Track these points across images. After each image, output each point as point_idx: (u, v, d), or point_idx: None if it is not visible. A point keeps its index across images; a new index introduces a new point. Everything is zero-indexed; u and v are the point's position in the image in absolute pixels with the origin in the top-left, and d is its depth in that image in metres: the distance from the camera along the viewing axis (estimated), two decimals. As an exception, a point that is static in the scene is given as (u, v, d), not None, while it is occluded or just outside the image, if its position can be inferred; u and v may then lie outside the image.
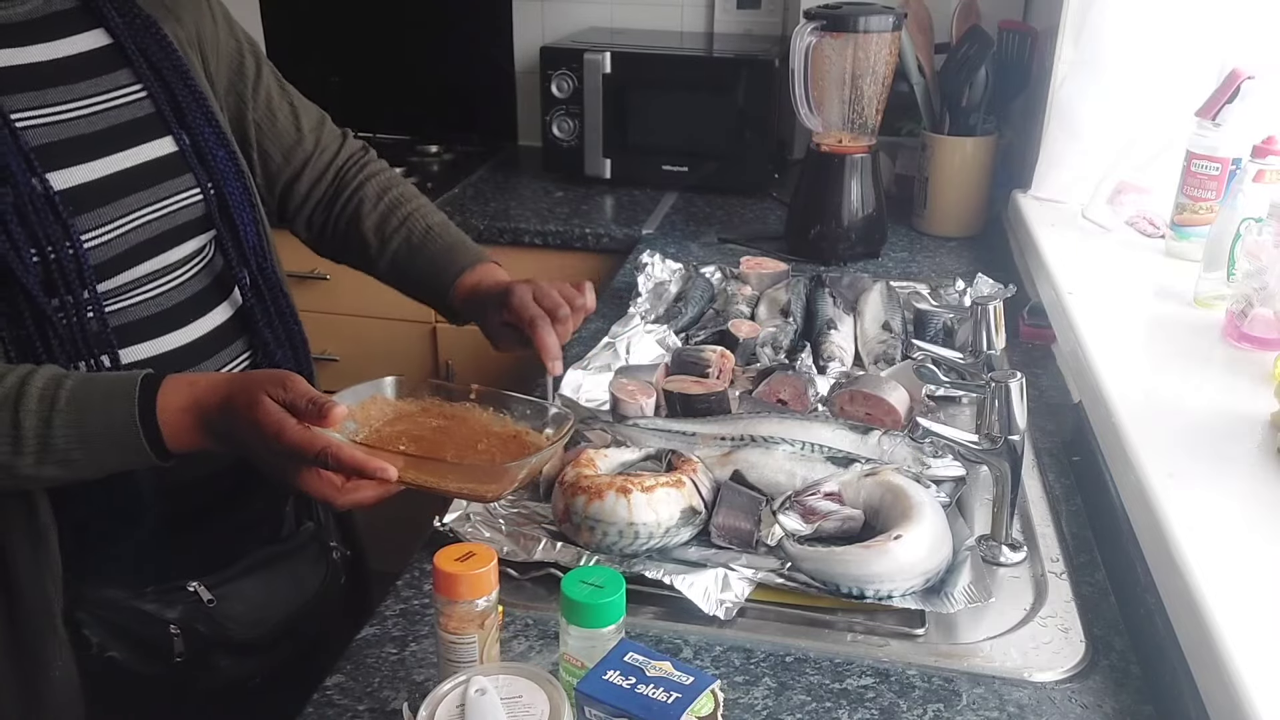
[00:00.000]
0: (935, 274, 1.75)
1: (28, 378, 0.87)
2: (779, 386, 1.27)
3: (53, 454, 0.86)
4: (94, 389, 0.88)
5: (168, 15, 1.11)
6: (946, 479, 1.10)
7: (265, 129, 1.22)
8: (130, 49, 1.04)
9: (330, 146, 1.29)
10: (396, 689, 0.87)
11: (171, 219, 1.04)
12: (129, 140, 1.02)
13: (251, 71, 1.20)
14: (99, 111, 1.00)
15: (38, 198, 0.92)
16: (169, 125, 1.05)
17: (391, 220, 1.27)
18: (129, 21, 1.05)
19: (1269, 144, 1.33)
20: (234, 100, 1.19)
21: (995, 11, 2.01)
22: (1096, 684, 0.88)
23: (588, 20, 2.50)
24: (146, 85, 1.04)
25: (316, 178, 1.28)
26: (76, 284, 0.94)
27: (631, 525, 0.98)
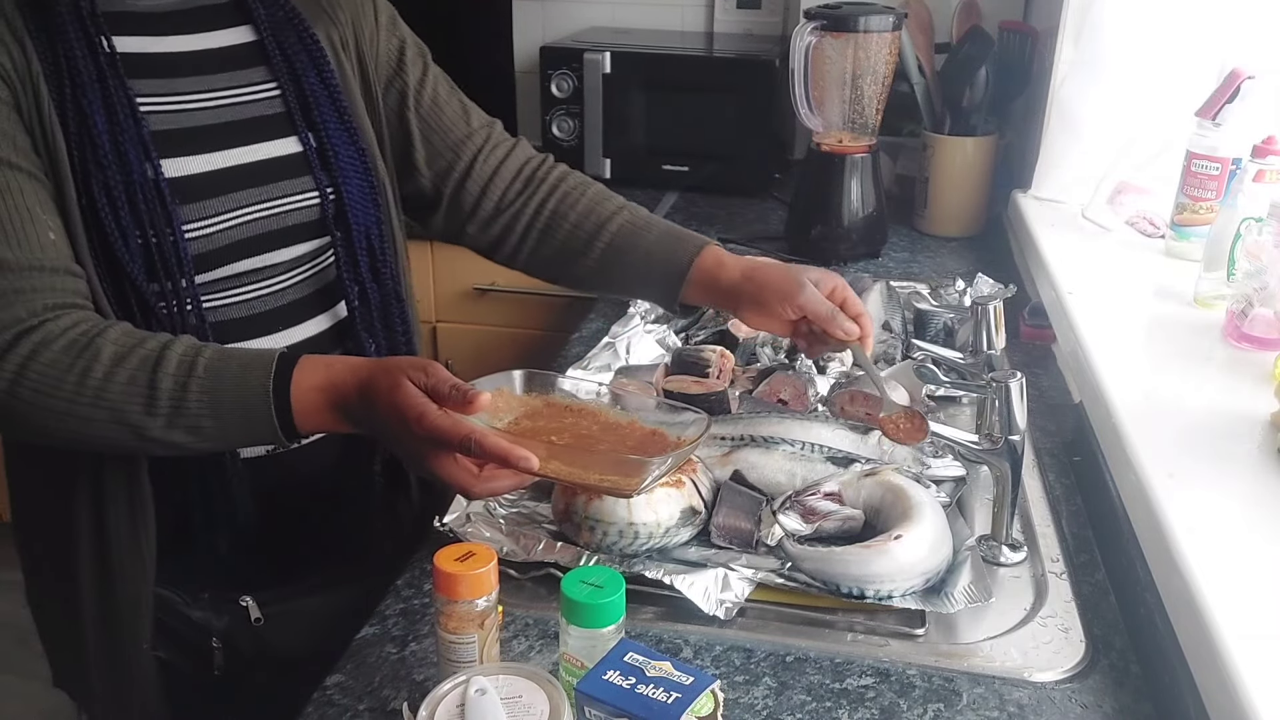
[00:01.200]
0: (935, 274, 1.75)
1: (169, 343, 0.88)
2: (779, 386, 1.27)
3: (184, 418, 0.87)
4: (231, 360, 0.89)
5: (321, 15, 1.09)
6: (947, 479, 1.10)
7: (431, 123, 1.17)
8: (271, 47, 1.04)
9: (503, 144, 1.22)
10: (397, 688, 0.87)
11: (281, 219, 1.03)
12: (251, 136, 1.01)
13: (416, 69, 1.17)
14: (226, 105, 1.00)
15: (147, 183, 0.93)
16: (296, 126, 1.04)
17: (599, 212, 1.19)
18: (275, 19, 1.05)
19: (1269, 144, 1.33)
20: (394, 97, 1.15)
21: (996, 11, 2.01)
22: (1096, 684, 0.88)
23: (588, 20, 2.50)
24: (281, 84, 1.04)
25: (489, 175, 1.20)
26: (176, 273, 0.95)
27: (631, 525, 0.98)
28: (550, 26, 2.52)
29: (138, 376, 0.86)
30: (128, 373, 0.86)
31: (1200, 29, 1.60)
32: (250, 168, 1.01)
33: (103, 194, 0.92)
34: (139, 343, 0.88)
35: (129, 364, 0.87)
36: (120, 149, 0.92)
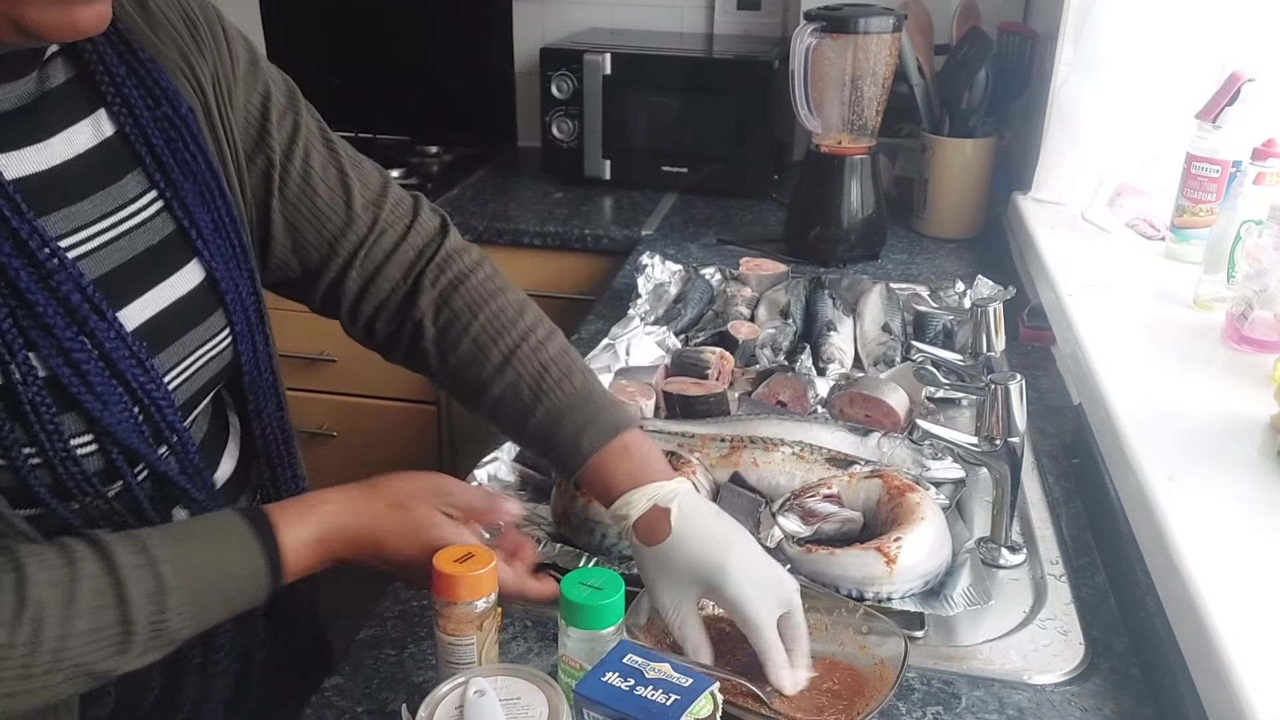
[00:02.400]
0: (935, 276, 1.75)
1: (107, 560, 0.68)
2: (778, 388, 1.27)
3: (162, 639, 0.71)
4: (192, 549, 0.73)
5: (181, 74, 0.83)
6: (946, 481, 1.10)
7: (301, 210, 0.91)
8: (136, 138, 0.78)
9: (393, 228, 0.94)
10: (395, 690, 0.87)
11: (203, 373, 0.84)
12: (156, 275, 0.80)
13: (283, 134, 0.90)
14: (127, 231, 0.78)
15: (115, 342, 0.74)
16: (194, 247, 0.82)
17: (490, 355, 0.91)
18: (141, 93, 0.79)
19: (1269, 146, 1.33)
20: (257, 176, 0.89)
21: (995, 13, 2.01)
22: (1096, 686, 0.88)
23: (587, 21, 2.50)
24: (161, 193, 0.80)
25: (372, 273, 0.93)
26: (168, 431, 0.78)
27: (631, 527, 0.98)
28: (550, 28, 2.52)
29: (100, 620, 0.67)
30: (86, 619, 0.67)
31: (1200, 31, 1.60)
32: (166, 315, 0.80)
33: (61, 363, 0.71)
34: (72, 571, 0.67)
35: (81, 605, 0.67)
36: (71, 309, 0.71)
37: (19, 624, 0.65)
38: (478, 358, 0.91)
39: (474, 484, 1.10)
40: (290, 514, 0.77)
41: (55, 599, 0.66)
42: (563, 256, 2.07)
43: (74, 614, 0.66)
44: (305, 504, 0.78)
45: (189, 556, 0.72)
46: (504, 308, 0.92)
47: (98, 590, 0.68)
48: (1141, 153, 1.68)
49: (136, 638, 0.69)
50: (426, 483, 0.82)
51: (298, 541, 0.76)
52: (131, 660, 0.70)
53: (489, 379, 0.90)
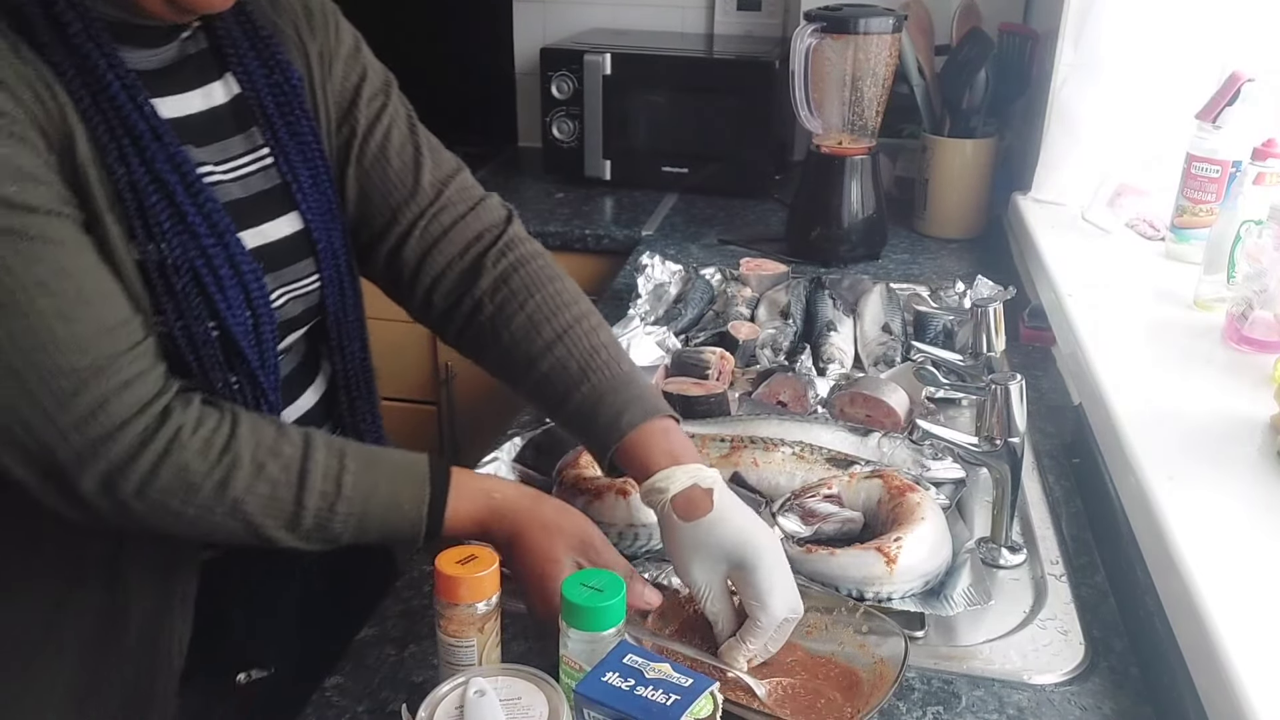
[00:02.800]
0: (935, 276, 1.75)
1: (309, 450, 0.82)
2: (779, 388, 1.27)
3: (323, 533, 0.82)
4: (379, 474, 0.84)
5: (297, 51, 0.96)
6: (946, 481, 1.10)
7: (373, 178, 0.99)
8: (254, 105, 0.92)
9: (454, 207, 1.01)
10: (395, 690, 0.87)
11: (294, 305, 0.95)
12: (262, 215, 0.92)
13: (370, 111, 1.00)
14: (242, 176, 0.91)
15: (243, 256, 0.87)
16: (294, 200, 0.94)
17: (542, 333, 0.96)
18: (260, 62, 0.92)
19: (1269, 146, 1.33)
20: (339, 143, 0.99)
21: (996, 14, 2.01)
22: (1096, 686, 0.88)
23: (588, 22, 2.50)
24: (272, 151, 0.93)
25: (430, 244, 1.00)
26: (269, 345, 0.90)
27: (631, 526, 0.98)
28: (550, 28, 2.52)
29: (280, 493, 0.80)
30: (268, 485, 0.80)
31: (1200, 32, 1.60)
32: (265, 251, 0.91)
33: (204, 264, 0.84)
34: (275, 445, 0.81)
35: (269, 474, 0.80)
36: (209, 217, 0.85)
37: (217, 465, 0.78)
38: (530, 334, 0.96)
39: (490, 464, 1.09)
40: (469, 488, 0.86)
41: (252, 460, 0.79)
42: (563, 257, 2.05)
43: (262, 478, 0.79)
44: (485, 487, 0.88)
45: (370, 476, 0.83)
46: (560, 292, 0.99)
47: (288, 468, 0.80)
48: (1142, 153, 1.68)
49: (304, 524, 0.81)
50: (583, 528, 0.87)
51: (462, 513, 0.85)
52: (294, 540, 0.81)
53: (538, 354, 0.95)
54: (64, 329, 0.75)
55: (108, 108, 0.80)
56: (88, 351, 0.76)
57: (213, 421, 0.80)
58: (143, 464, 0.77)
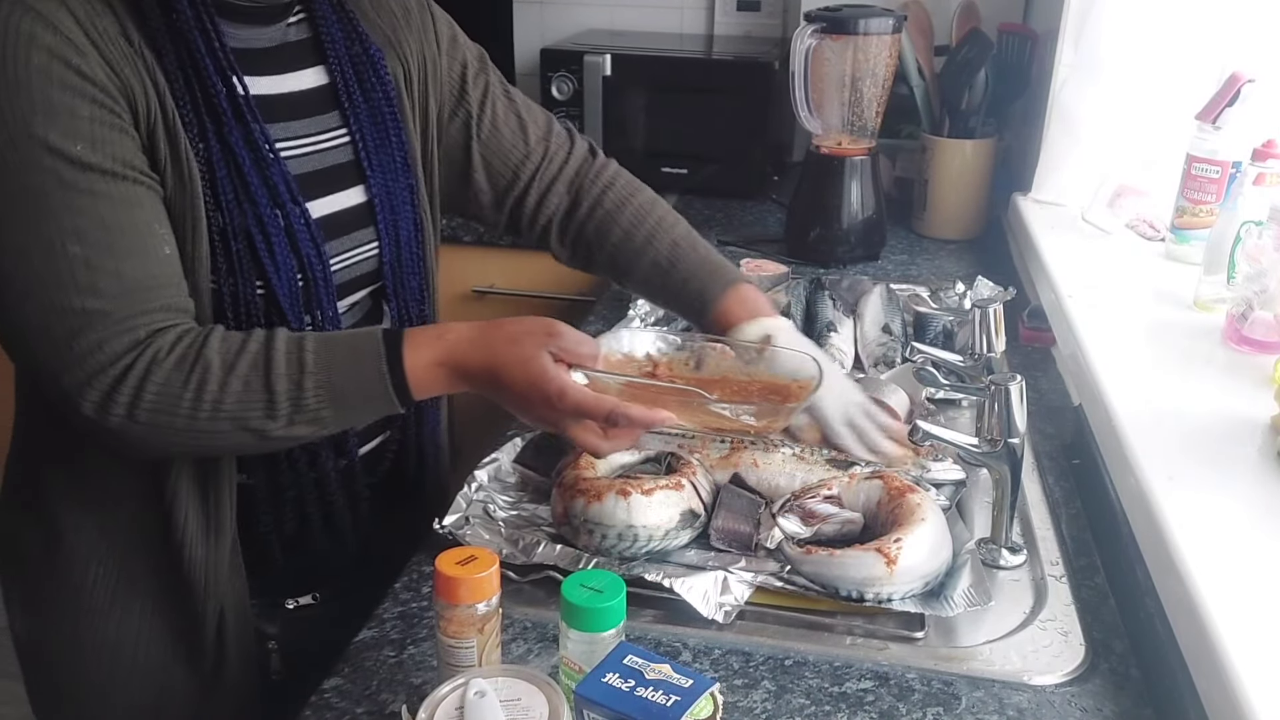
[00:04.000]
0: (935, 276, 1.75)
1: (270, 341, 0.89)
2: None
3: (304, 414, 0.89)
4: (336, 349, 0.91)
5: (390, 48, 1.08)
6: (946, 482, 1.09)
7: (492, 147, 1.18)
8: (341, 91, 1.03)
9: (557, 155, 1.22)
10: (395, 692, 0.87)
11: (351, 270, 1.05)
12: (330, 186, 1.02)
13: (477, 91, 1.17)
14: (311, 153, 1.01)
15: (303, 225, 0.97)
16: (363, 175, 1.04)
17: (635, 238, 1.20)
18: (353, 58, 1.04)
19: (1269, 147, 1.33)
20: (458, 126, 1.16)
21: (995, 14, 2.01)
22: (1096, 687, 0.88)
23: (588, 22, 2.50)
24: (351, 133, 1.03)
25: (545, 188, 1.21)
26: (327, 303, 1.00)
27: (631, 528, 0.98)
28: (550, 29, 2.52)
29: (252, 382, 0.88)
30: (240, 380, 0.87)
31: (1200, 32, 1.60)
32: (333, 218, 1.02)
33: (259, 230, 0.93)
34: (241, 347, 0.89)
35: (240, 371, 0.88)
36: (274, 190, 0.94)
37: (191, 373, 0.87)
38: (625, 242, 1.21)
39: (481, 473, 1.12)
40: (421, 337, 0.92)
41: (220, 362, 0.87)
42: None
43: (232, 375, 0.87)
44: (435, 331, 0.94)
45: (330, 350, 0.90)
46: (640, 204, 1.23)
47: (254, 360, 0.88)
48: (1142, 153, 1.68)
49: (280, 407, 0.88)
50: (538, 324, 0.93)
51: (422, 360, 0.91)
52: (281, 426, 0.89)
53: (635, 256, 1.20)
54: (85, 275, 0.84)
55: (195, 85, 0.90)
56: (100, 297, 0.85)
57: (187, 340, 0.88)
58: (128, 386, 0.86)
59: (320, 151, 1.02)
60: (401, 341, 0.91)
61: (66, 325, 0.85)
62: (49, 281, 0.84)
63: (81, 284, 0.84)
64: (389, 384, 0.90)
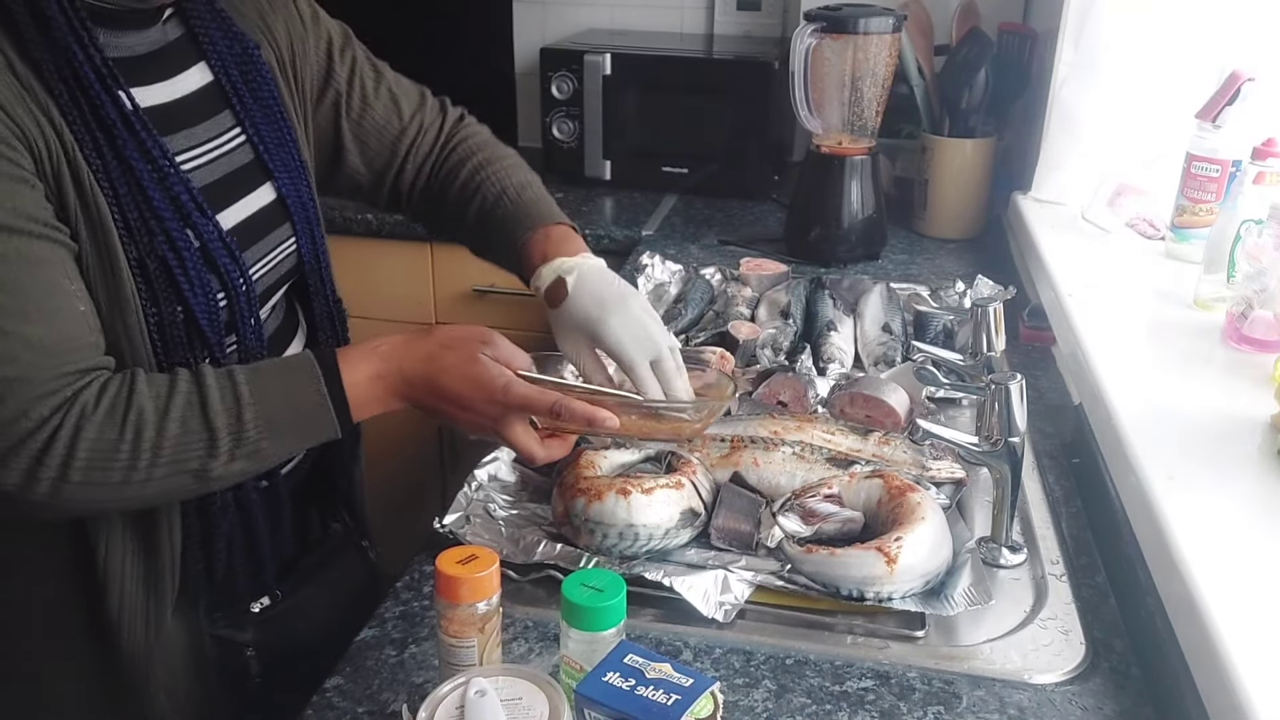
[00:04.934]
0: (935, 276, 1.75)
1: (200, 378, 0.86)
2: (779, 388, 1.27)
3: (244, 447, 0.86)
4: (268, 378, 0.89)
5: (261, 34, 1.05)
6: (946, 481, 1.10)
7: (365, 126, 1.16)
8: (228, 88, 1.00)
9: (432, 127, 1.21)
10: (396, 691, 0.87)
11: (275, 271, 1.03)
12: (241, 190, 1.00)
13: (344, 71, 1.14)
14: (219, 156, 0.98)
15: (215, 240, 0.93)
16: (268, 172, 1.02)
17: (469, 187, 1.18)
18: (231, 53, 1.00)
19: (1269, 146, 1.33)
20: (327, 108, 1.14)
21: (995, 13, 2.01)
22: (1097, 686, 0.88)
23: (588, 22, 2.50)
24: (245, 130, 1.01)
25: (420, 162, 1.21)
26: (249, 316, 0.96)
27: (631, 527, 0.98)
28: (550, 28, 2.52)
29: (189, 422, 0.84)
30: (176, 422, 0.84)
31: (1200, 31, 1.60)
32: (245, 224, 0.99)
33: (172, 254, 0.89)
34: (171, 389, 0.85)
35: (175, 413, 0.84)
36: (181, 207, 0.90)
37: (125, 426, 0.82)
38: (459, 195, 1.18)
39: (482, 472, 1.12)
40: (354, 354, 0.92)
41: (153, 407, 0.84)
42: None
43: (168, 419, 0.84)
44: (368, 346, 0.93)
45: (263, 380, 0.88)
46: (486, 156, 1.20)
47: (189, 401, 0.85)
48: (1143, 152, 1.68)
49: (220, 443, 0.85)
50: (472, 331, 0.94)
51: (359, 375, 0.90)
52: (221, 465, 0.85)
53: (466, 203, 1.17)
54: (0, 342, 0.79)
55: (82, 99, 0.85)
56: (17, 364, 0.80)
57: (113, 388, 0.84)
58: (58, 448, 0.81)
59: (221, 156, 0.98)
60: (335, 360, 0.90)
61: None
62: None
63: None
64: (329, 405, 0.89)
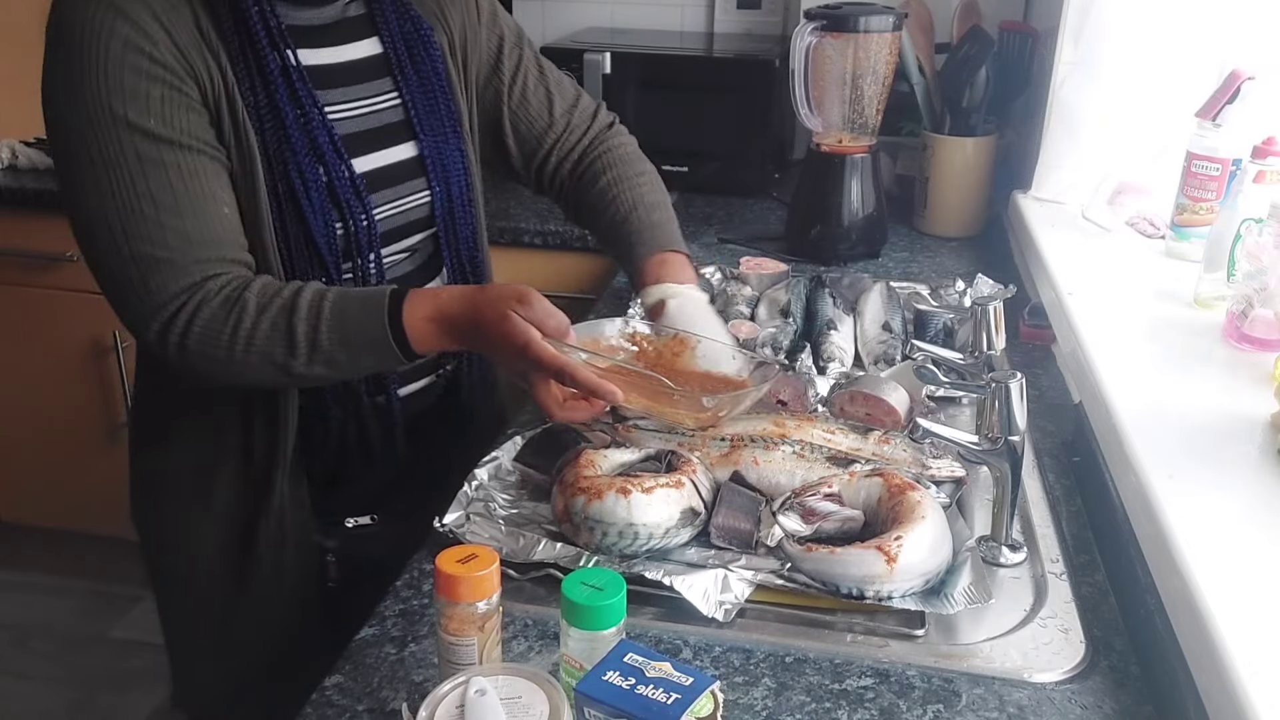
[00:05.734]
0: (935, 274, 1.75)
1: (299, 291, 1.03)
2: (779, 387, 1.27)
3: (320, 355, 1.03)
4: (351, 301, 1.04)
5: (438, 21, 1.24)
6: (947, 480, 1.10)
7: (520, 115, 1.34)
8: (393, 60, 1.17)
9: (579, 128, 1.38)
10: (396, 689, 0.87)
11: (404, 215, 1.19)
12: (383, 142, 1.16)
13: (510, 65, 1.32)
14: (367, 113, 1.15)
15: (344, 178, 1.10)
16: (413, 132, 1.18)
17: (607, 194, 1.34)
18: (403, 31, 1.18)
19: (1269, 145, 1.33)
20: (491, 94, 1.32)
21: (996, 12, 2.01)
22: (1096, 685, 0.88)
23: (587, 20, 2.50)
24: (401, 95, 1.18)
25: (563, 157, 1.37)
26: (368, 250, 1.13)
27: (631, 526, 0.98)
28: (550, 26, 2.52)
29: (278, 323, 1.02)
30: (269, 321, 1.02)
31: (1200, 30, 1.60)
32: (384, 170, 1.16)
33: (301, 185, 1.07)
34: (276, 293, 1.03)
35: (270, 313, 1.02)
36: (318, 148, 1.08)
37: (230, 313, 1.03)
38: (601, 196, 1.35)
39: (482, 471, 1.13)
40: (419, 297, 1.04)
41: (255, 305, 1.03)
42: (563, 256, 2.07)
43: (263, 316, 1.02)
44: (431, 292, 1.05)
45: (346, 303, 1.04)
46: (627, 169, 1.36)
47: (282, 306, 1.03)
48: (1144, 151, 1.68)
49: (299, 345, 1.02)
50: (513, 289, 1.03)
51: (417, 315, 1.03)
52: (301, 364, 1.03)
53: (603, 209, 1.34)
54: (156, 230, 1.01)
55: (250, 51, 1.05)
56: (167, 248, 1.01)
57: (232, 285, 1.04)
58: (181, 320, 1.02)
59: (372, 113, 1.16)
60: (403, 300, 1.03)
61: (139, 269, 1.02)
62: (127, 234, 1.01)
63: (154, 238, 1.01)
64: (389, 336, 1.02)
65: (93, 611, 2.49)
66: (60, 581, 2.58)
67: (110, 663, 2.37)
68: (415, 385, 1.25)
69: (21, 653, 2.40)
